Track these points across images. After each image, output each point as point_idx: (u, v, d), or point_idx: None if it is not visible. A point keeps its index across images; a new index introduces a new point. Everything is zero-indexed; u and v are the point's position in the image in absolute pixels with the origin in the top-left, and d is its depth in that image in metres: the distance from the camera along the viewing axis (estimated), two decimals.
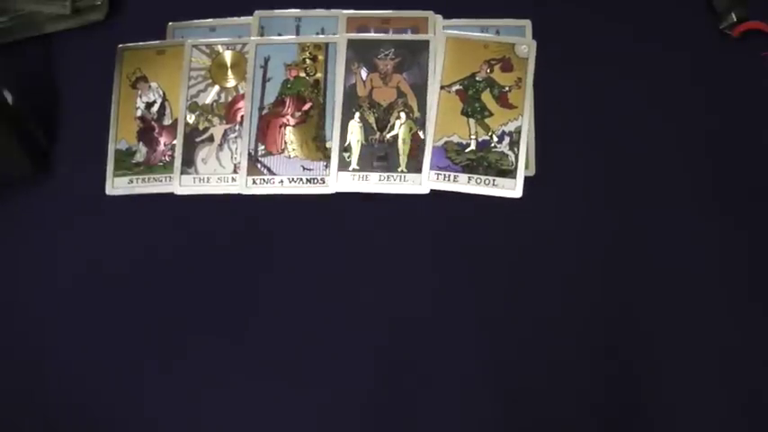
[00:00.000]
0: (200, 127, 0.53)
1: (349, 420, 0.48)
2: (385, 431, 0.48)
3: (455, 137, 0.51)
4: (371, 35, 0.53)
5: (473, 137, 0.51)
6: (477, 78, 0.52)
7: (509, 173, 0.50)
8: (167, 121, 0.53)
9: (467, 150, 0.51)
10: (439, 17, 0.53)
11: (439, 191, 0.51)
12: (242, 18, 0.54)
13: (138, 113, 0.53)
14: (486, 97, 0.51)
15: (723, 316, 0.48)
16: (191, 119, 0.53)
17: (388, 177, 0.51)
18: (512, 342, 0.48)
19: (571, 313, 0.49)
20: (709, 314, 0.48)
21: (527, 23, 0.52)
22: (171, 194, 0.52)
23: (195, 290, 0.50)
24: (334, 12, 0.54)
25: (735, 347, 0.48)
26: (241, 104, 0.53)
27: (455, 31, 0.52)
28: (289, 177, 0.51)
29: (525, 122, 0.51)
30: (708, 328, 0.48)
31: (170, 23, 0.54)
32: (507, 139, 0.51)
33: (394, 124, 0.52)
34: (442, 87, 0.52)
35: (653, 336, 0.48)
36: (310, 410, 0.48)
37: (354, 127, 0.52)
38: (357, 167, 0.51)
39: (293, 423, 0.48)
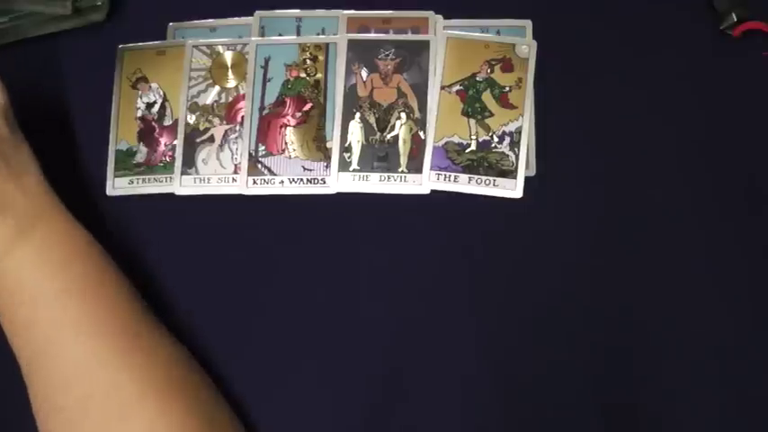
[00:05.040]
0: (201, 127, 0.53)
1: (348, 421, 0.48)
2: (384, 431, 0.48)
3: (456, 137, 0.51)
4: (372, 35, 0.53)
5: (473, 137, 0.51)
6: (477, 78, 0.52)
7: (509, 173, 0.50)
8: (168, 122, 0.53)
9: (467, 151, 0.51)
10: (439, 17, 0.53)
11: (439, 191, 0.51)
12: (242, 18, 0.54)
13: (139, 114, 0.53)
14: (487, 97, 0.51)
15: (723, 316, 0.48)
16: (191, 119, 0.53)
17: (389, 178, 0.51)
18: (512, 342, 0.48)
19: (571, 313, 0.49)
20: (709, 314, 0.48)
21: (527, 23, 0.52)
22: (171, 195, 0.52)
23: (195, 290, 0.51)
24: (334, 12, 0.54)
25: (736, 347, 0.48)
26: (241, 105, 0.53)
27: (455, 32, 0.52)
28: (289, 178, 0.51)
29: (526, 123, 0.51)
30: (709, 327, 0.48)
31: (170, 24, 0.54)
32: (508, 140, 0.51)
33: (394, 125, 0.52)
34: (442, 87, 0.52)
35: (654, 336, 0.48)
36: (309, 410, 0.48)
37: (355, 127, 0.52)
38: (357, 168, 0.51)
39: (292, 423, 0.48)
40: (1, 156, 0.46)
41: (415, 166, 0.51)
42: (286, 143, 0.52)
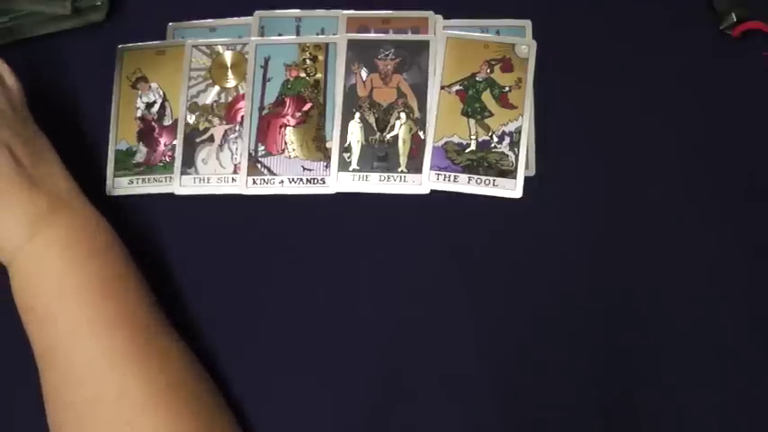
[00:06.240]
0: (201, 127, 0.53)
1: (348, 421, 0.48)
2: (384, 431, 0.48)
3: (455, 137, 0.51)
4: (372, 35, 0.53)
5: (473, 137, 0.51)
6: (477, 78, 0.52)
7: (509, 173, 0.50)
8: (167, 122, 0.53)
9: (467, 151, 0.51)
10: (439, 17, 0.53)
11: (439, 191, 0.51)
12: (242, 18, 0.54)
13: (139, 114, 0.54)
14: (487, 97, 0.51)
15: (723, 316, 0.48)
16: (191, 119, 0.53)
17: (389, 177, 0.51)
18: (512, 342, 0.48)
19: (571, 313, 0.49)
20: (709, 314, 0.48)
21: (527, 23, 0.52)
22: (171, 194, 0.52)
23: (195, 290, 0.50)
24: (334, 12, 0.54)
25: (736, 347, 0.48)
26: (241, 105, 0.53)
27: (455, 32, 0.52)
28: (289, 178, 0.51)
29: (525, 123, 0.51)
30: (709, 327, 0.48)
31: (170, 24, 0.54)
32: (507, 140, 0.51)
33: (394, 124, 0.52)
34: (442, 87, 0.52)
35: (654, 336, 0.48)
36: (309, 410, 0.48)
37: (354, 127, 0.52)
38: (357, 168, 0.51)
39: (292, 423, 0.48)
40: (25, 139, 0.47)
41: (415, 165, 0.51)
42: (286, 143, 0.52)
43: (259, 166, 0.52)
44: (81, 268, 0.45)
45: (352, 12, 0.53)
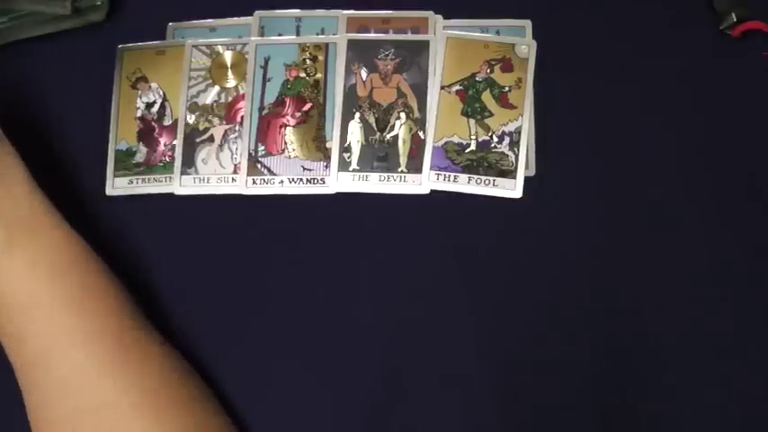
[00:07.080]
0: (201, 127, 0.53)
1: (348, 421, 0.48)
2: (384, 431, 0.48)
3: (455, 137, 0.51)
4: (371, 35, 0.53)
5: (473, 137, 0.51)
6: (477, 78, 0.52)
7: (509, 173, 0.50)
8: (167, 122, 0.53)
9: (467, 151, 0.51)
10: (439, 17, 0.53)
11: (439, 191, 0.51)
12: (242, 18, 0.54)
13: (138, 114, 0.53)
14: (487, 97, 0.51)
15: (723, 316, 0.48)
16: (191, 119, 0.53)
17: (389, 178, 0.51)
18: (512, 342, 0.48)
19: (571, 313, 0.49)
20: (709, 314, 0.48)
21: (527, 23, 0.52)
22: (171, 195, 0.52)
23: (194, 290, 0.51)
24: (334, 12, 0.53)
25: (736, 347, 0.48)
26: (241, 105, 0.53)
27: (455, 32, 0.52)
28: (289, 178, 0.51)
29: (525, 123, 0.51)
30: (709, 327, 0.48)
31: (170, 24, 0.54)
32: (507, 140, 0.51)
33: (394, 124, 0.52)
34: (442, 87, 0.52)
35: (654, 336, 0.48)
36: (309, 411, 0.48)
37: (354, 127, 0.52)
38: (357, 168, 0.51)
39: (292, 424, 0.48)
40: None
41: (415, 165, 0.51)
42: (286, 143, 0.52)
43: (259, 166, 0.52)
44: (53, 285, 0.45)
45: (352, 12, 0.53)
